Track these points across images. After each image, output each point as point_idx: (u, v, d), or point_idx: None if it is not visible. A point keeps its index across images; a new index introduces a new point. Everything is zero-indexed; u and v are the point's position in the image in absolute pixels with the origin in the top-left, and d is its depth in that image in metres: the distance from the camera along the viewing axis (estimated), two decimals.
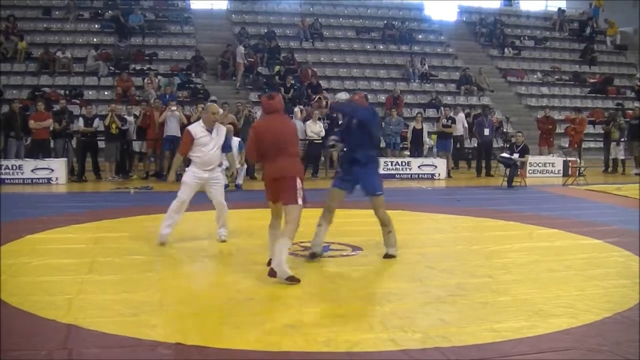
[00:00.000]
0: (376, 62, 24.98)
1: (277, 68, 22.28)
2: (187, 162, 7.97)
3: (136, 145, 15.53)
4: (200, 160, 7.71)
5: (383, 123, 17.26)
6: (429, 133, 18.29)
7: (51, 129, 15.13)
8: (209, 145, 7.67)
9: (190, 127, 7.83)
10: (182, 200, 7.71)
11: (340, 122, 7.43)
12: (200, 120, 7.93)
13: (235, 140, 13.98)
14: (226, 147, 8.01)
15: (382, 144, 17.60)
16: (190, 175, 7.74)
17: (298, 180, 6.21)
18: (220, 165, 7.98)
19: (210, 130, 7.69)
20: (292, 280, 5.92)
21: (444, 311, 5.19)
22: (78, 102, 19.11)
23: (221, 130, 7.82)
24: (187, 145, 7.69)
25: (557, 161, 17.36)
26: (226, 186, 13.39)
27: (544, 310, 5.21)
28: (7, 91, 19.38)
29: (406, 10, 28.46)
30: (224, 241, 7.87)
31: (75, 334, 4.55)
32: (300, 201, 6.19)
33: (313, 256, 7.00)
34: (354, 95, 7.77)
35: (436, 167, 16.45)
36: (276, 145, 6.24)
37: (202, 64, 22.38)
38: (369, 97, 22.56)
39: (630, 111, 20.77)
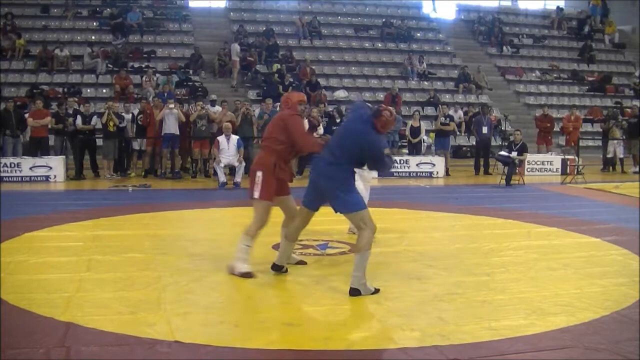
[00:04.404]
0: (374, 60, 24.96)
1: (275, 66, 22.25)
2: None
3: (135, 143, 15.51)
4: None
5: None
6: (427, 131, 18.28)
7: (50, 126, 15.11)
8: None
9: None
10: None
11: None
12: None
13: (234, 138, 13.98)
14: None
15: None
16: None
17: (258, 174, 5.92)
18: (219, 163, 7.53)
19: None
20: (246, 275, 5.92)
21: (442, 309, 5.19)
22: (76, 99, 19.06)
23: None
24: None
25: (556, 159, 17.37)
26: (224, 184, 13.46)
27: (542, 309, 5.21)
28: (5, 89, 19.34)
29: (405, 9, 28.45)
30: None
31: (73, 332, 4.53)
32: (255, 194, 5.90)
33: None
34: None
35: (434, 165, 16.45)
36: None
37: (200, 61, 22.35)
38: (367, 95, 22.63)
39: (628, 109, 20.78)
